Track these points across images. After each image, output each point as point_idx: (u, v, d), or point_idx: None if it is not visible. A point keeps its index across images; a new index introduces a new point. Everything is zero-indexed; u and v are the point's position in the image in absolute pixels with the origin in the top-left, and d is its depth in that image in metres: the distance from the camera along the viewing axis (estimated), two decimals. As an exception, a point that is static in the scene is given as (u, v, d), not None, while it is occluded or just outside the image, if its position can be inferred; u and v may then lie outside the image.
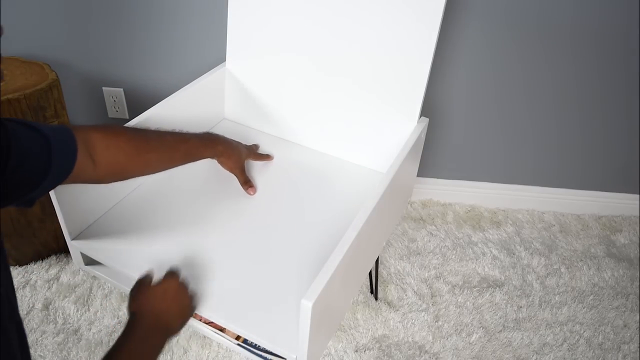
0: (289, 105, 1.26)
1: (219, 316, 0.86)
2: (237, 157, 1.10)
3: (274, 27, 1.20)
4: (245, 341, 0.90)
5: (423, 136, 1.16)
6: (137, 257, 0.94)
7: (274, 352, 0.84)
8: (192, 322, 0.92)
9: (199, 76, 1.23)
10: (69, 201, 0.93)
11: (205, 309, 0.86)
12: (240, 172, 1.11)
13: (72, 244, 0.97)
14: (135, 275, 0.90)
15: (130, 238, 0.98)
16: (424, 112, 1.16)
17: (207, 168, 1.16)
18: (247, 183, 1.11)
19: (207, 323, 0.92)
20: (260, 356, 0.88)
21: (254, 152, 1.20)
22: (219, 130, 1.31)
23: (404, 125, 1.14)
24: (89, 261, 0.99)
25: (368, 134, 1.19)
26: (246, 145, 1.16)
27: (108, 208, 1.03)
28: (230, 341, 0.90)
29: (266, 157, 1.21)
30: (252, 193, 1.11)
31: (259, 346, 0.89)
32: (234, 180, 1.13)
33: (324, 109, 1.22)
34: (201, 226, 1.02)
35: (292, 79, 1.23)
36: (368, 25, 1.10)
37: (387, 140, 1.17)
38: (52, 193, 0.89)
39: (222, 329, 0.91)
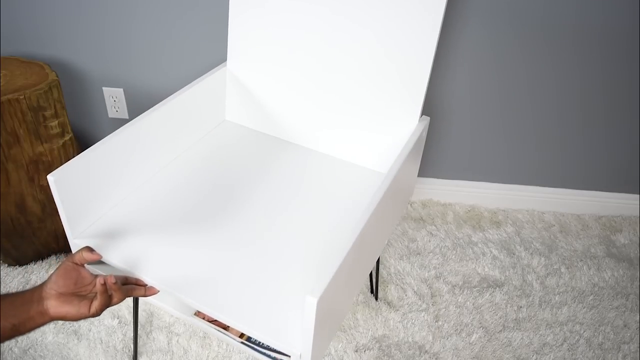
0: (290, 106, 1.26)
1: (222, 314, 0.86)
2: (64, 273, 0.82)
3: (275, 26, 1.20)
4: (249, 339, 0.90)
5: (424, 135, 1.16)
6: (140, 256, 0.94)
7: (278, 349, 0.85)
8: (195, 321, 0.92)
9: (200, 76, 1.24)
10: (71, 199, 0.93)
11: (209, 308, 0.87)
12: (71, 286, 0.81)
13: (74, 243, 0.97)
14: (139, 275, 0.90)
15: (133, 237, 0.98)
16: (424, 112, 1.16)
17: (210, 169, 1.17)
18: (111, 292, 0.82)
19: (210, 321, 0.92)
20: (264, 354, 0.88)
21: (79, 256, 0.85)
22: (219, 132, 1.32)
23: (406, 124, 1.14)
24: None
25: (369, 134, 1.19)
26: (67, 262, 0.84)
27: (110, 207, 1.04)
28: (234, 339, 0.90)
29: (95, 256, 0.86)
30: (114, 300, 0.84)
31: (262, 344, 0.89)
32: (237, 182, 1.14)
33: (325, 109, 1.22)
34: (204, 226, 1.02)
35: (294, 79, 1.23)
36: (369, 24, 1.11)
37: (388, 140, 1.18)
38: (54, 190, 0.90)
39: (225, 327, 0.92)
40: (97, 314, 0.81)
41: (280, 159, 1.23)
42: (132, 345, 1.28)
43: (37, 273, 1.46)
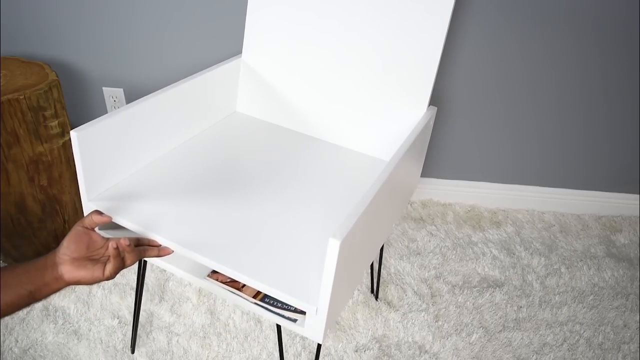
0: (303, 98, 1.29)
1: (239, 272, 0.86)
2: (75, 237, 0.83)
3: (289, 20, 1.23)
4: (263, 299, 0.90)
5: (431, 124, 1.19)
6: (154, 218, 0.95)
7: (294, 306, 0.84)
8: (208, 284, 0.92)
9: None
10: (89, 160, 0.95)
11: (225, 266, 0.87)
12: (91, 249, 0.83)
13: (88, 206, 0.98)
14: (152, 236, 0.91)
15: (147, 201, 0.99)
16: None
17: (223, 150, 1.17)
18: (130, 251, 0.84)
19: (224, 283, 0.92)
20: (277, 314, 0.88)
21: (89, 220, 0.86)
22: (231, 120, 1.33)
23: (414, 113, 1.17)
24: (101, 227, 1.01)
25: (379, 124, 1.22)
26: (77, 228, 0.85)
27: (124, 177, 1.05)
28: (247, 300, 0.90)
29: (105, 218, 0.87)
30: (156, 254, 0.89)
31: (276, 304, 0.89)
32: (249, 162, 1.16)
33: (336, 102, 1.25)
34: (218, 193, 1.04)
35: (306, 71, 1.26)
36: (379, 17, 1.14)
37: (396, 129, 1.20)
38: (76, 146, 0.91)
39: (239, 289, 0.91)
40: (112, 276, 0.82)
41: (292, 147, 1.25)
42: (130, 344, 1.28)
43: (37, 273, 1.46)
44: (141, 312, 1.37)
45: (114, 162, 1.01)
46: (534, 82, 1.56)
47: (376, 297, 1.45)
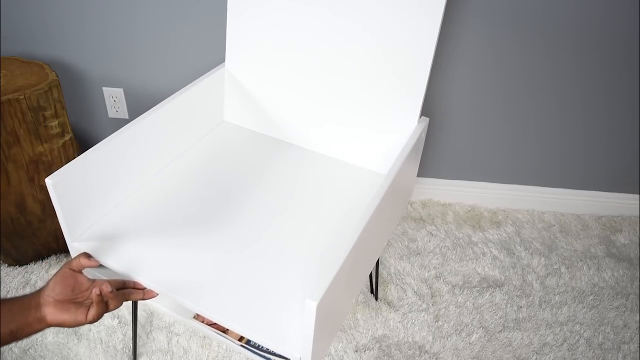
0: (289, 107, 1.26)
1: (221, 317, 0.86)
2: (61, 280, 0.82)
3: (274, 28, 1.20)
4: (248, 342, 0.90)
5: (423, 136, 1.16)
6: (139, 259, 0.94)
7: (277, 352, 0.84)
8: (194, 324, 0.92)
9: (200, 75, 1.23)
10: (69, 202, 0.93)
11: (208, 311, 0.86)
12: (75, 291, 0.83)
13: (72, 246, 0.97)
14: (137, 278, 0.90)
15: (131, 240, 0.98)
16: (424, 112, 1.16)
17: (209, 171, 1.17)
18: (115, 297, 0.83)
19: (209, 324, 0.92)
20: (264, 357, 0.88)
21: (76, 262, 0.86)
22: (218, 133, 1.31)
23: (405, 125, 1.14)
24: None
25: (368, 135, 1.19)
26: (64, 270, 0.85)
27: (109, 210, 1.04)
28: (233, 342, 0.90)
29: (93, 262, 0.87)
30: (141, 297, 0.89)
31: (262, 347, 0.89)
32: (237, 183, 1.14)
33: (325, 110, 1.22)
34: (203, 228, 1.02)
35: (293, 80, 1.23)
36: (368, 25, 1.10)
37: (387, 141, 1.17)
38: (52, 193, 0.89)
39: (224, 330, 0.91)
40: (94, 321, 0.81)
41: (280, 161, 1.23)
42: (131, 346, 1.28)
43: (37, 273, 1.46)
44: (141, 312, 1.37)
45: (95, 199, 0.99)
46: (534, 82, 1.56)
47: (376, 297, 1.45)
